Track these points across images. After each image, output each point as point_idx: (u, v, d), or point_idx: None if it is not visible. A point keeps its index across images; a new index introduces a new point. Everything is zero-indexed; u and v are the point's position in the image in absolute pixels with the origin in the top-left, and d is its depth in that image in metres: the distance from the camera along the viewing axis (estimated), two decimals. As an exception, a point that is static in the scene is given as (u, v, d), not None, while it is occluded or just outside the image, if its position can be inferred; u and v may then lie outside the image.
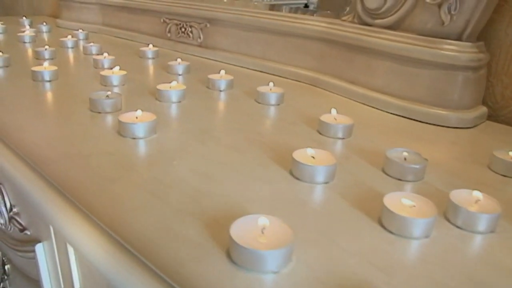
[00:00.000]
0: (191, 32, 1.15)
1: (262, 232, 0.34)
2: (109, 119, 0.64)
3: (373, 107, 0.78)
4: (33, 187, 0.49)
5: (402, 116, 0.74)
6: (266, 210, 0.41)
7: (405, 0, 0.75)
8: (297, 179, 0.49)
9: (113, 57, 0.96)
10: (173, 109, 0.70)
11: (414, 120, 0.73)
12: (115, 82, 0.80)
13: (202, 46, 1.14)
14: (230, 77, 0.82)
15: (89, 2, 1.46)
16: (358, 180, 0.49)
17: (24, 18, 1.53)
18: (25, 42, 1.22)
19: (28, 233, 0.66)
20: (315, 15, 0.94)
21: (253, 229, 0.35)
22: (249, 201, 0.43)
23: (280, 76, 0.95)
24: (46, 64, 0.98)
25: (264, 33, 0.98)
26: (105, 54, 0.97)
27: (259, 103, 0.75)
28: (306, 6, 1.57)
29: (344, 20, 0.87)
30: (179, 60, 0.94)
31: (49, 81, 0.83)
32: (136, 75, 0.90)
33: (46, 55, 1.02)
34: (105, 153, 0.51)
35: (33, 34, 1.24)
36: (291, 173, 0.50)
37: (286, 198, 0.44)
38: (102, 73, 0.81)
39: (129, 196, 0.43)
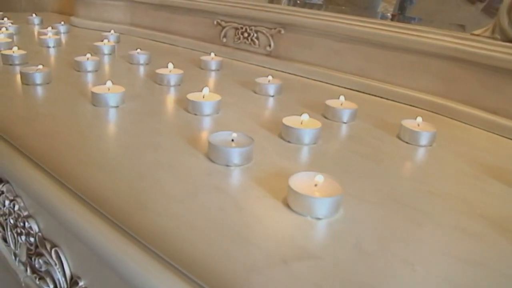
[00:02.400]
0: (257, 38, 0.96)
1: None
2: (249, 178, 0.44)
3: (532, 145, 0.63)
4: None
5: None
6: None
7: None
8: None
9: (181, 72, 0.76)
10: (317, 157, 0.51)
11: None
12: (207, 110, 0.61)
13: (272, 55, 0.95)
14: (354, 106, 0.65)
15: (114, -3, 1.24)
16: None
17: (34, 15, 1.29)
18: (49, 47, 0.99)
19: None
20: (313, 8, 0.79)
21: None
22: None
23: (386, 98, 0.78)
24: (89, 77, 0.77)
25: (364, 45, 0.81)
26: (170, 67, 0.77)
27: (406, 142, 0.58)
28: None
29: (477, 35, 0.72)
30: (269, 77, 0.75)
31: (116, 106, 0.62)
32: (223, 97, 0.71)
33: (89, 66, 0.81)
34: (304, 255, 0.33)
35: (57, 37, 1.01)
36: None
37: None
38: (191, 97, 0.61)
39: None
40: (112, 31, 1.10)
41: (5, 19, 1.18)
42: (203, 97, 0.62)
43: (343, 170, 0.48)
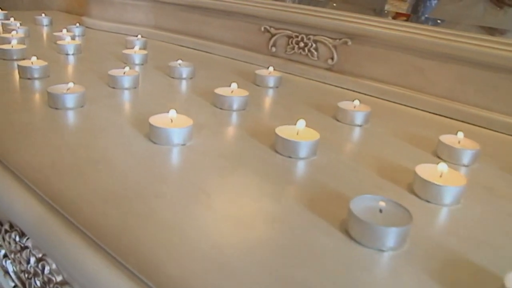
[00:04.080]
0: (316, 49, 0.83)
1: None
2: (424, 273, 0.30)
3: None
4: None
5: None
6: None
7: None
8: None
9: (246, 94, 0.62)
10: (478, 228, 0.38)
11: None
12: (304, 152, 0.47)
13: (334, 70, 0.82)
14: (476, 146, 0.52)
15: (136, -4, 1.08)
16: None
17: (43, 15, 1.13)
18: (68, 54, 0.84)
19: None
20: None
21: None
22: None
23: (481, 126, 0.66)
24: (128, 96, 0.63)
25: (455, 63, 0.68)
26: (234, 87, 0.63)
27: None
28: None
29: None
30: (356, 102, 0.61)
31: (182, 144, 0.48)
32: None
33: (127, 82, 0.66)
34: None
35: (78, 42, 0.86)
36: None
37: None
38: (282, 134, 0.47)
39: None
40: (139, 36, 0.95)
41: (12, 19, 1.02)
42: (297, 133, 0.48)
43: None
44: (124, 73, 0.67)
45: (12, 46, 0.76)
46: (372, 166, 0.47)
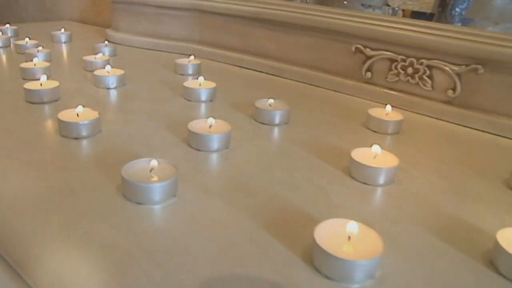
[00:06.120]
0: (430, 76, 0.65)
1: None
2: None
3: None
4: None
5: None
6: None
7: None
8: None
9: (395, 164, 0.44)
10: None
11: None
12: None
13: (455, 104, 0.64)
14: None
15: (176, 6, 0.88)
16: None
17: (63, 29, 0.92)
18: (109, 89, 0.64)
19: None
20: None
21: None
22: None
23: None
24: (219, 166, 0.48)
25: None
26: (376, 151, 0.44)
27: None
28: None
29: None
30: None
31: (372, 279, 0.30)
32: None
33: (216, 143, 0.47)
34: None
35: (122, 72, 0.66)
36: None
37: None
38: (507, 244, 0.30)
39: None
40: (192, 57, 0.76)
41: (27, 39, 0.81)
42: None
43: None
44: (210, 127, 0.48)
45: (41, 85, 0.56)
46: None
